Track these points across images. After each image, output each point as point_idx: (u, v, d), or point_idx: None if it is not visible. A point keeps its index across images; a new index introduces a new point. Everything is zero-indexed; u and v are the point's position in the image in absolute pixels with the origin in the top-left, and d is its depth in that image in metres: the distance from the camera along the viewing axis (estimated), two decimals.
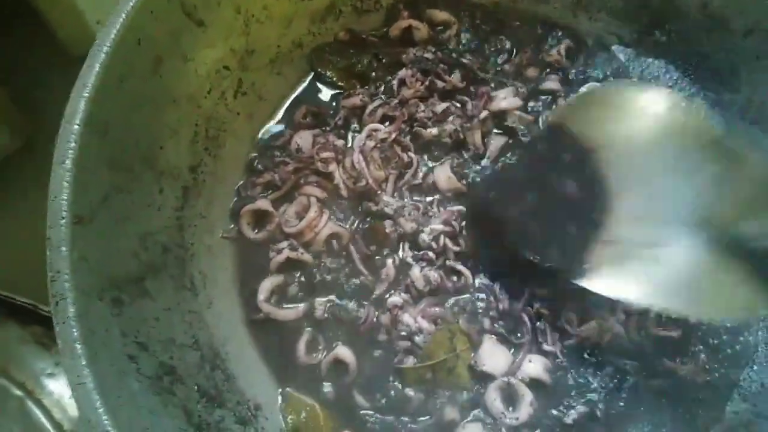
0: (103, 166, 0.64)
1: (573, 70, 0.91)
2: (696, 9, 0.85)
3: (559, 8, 0.93)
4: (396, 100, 0.86)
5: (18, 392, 0.80)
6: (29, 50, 1.09)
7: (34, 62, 1.08)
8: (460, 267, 0.79)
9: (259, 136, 0.88)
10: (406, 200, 0.83)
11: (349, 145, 0.86)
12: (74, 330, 0.56)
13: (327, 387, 0.76)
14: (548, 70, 0.91)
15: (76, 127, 0.61)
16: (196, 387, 0.67)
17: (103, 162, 0.64)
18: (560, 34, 0.93)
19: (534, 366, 0.75)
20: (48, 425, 0.79)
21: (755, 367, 0.78)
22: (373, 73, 0.89)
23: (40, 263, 0.60)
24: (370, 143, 0.82)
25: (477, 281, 0.80)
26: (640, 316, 0.78)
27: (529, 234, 0.75)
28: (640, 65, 0.92)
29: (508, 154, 0.87)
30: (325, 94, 0.91)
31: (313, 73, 0.91)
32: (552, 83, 0.89)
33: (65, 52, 1.05)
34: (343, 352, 0.76)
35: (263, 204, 0.81)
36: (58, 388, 0.81)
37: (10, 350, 0.82)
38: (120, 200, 0.66)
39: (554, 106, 0.88)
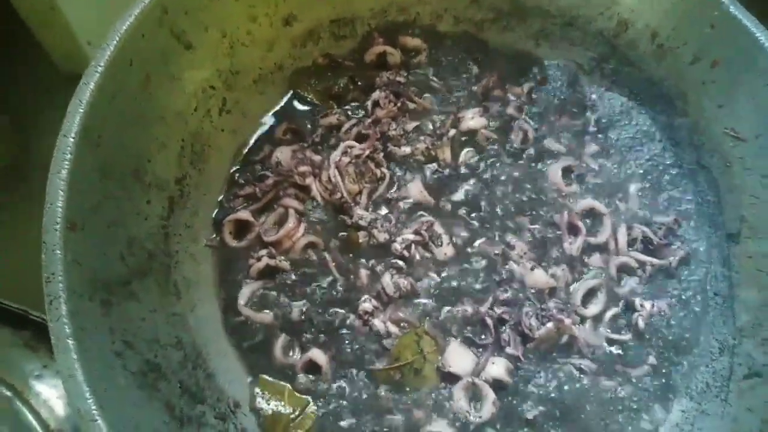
0: (96, 176, 0.69)
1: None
2: (647, 39, 0.93)
3: (523, 37, 1.01)
4: (370, 120, 0.92)
5: (7, 393, 0.83)
6: (22, 69, 1.13)
7: (26, 81, 1.12)
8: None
9: (241, 151, 0.93)
10: (379, 212, 0.88)
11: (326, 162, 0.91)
12: (66, 327, 0.60)
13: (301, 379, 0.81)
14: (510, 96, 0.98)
15: (72, 139, 0.66)
16: (178, 384, 0.72)
17: (95, 172, 0.69)
18: (528, 67, 1.00)
19: (497, 368, 0.80)
20: (36, 424, 0.82)
21: (701, 368, 0.84)
22: (349, 95, 0.95)
23: (29, 271, 0.64)
24: (345, 159, 0.87)
25: None
26: (594, 320, 0.84)
27: None
28: (596, 90, 0.99)
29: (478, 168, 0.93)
30: (304, 112, 0.96)
31: (293, 94, 0.97)
32: (513, 110, 0.96)
33: (55, 71, 1.09)
34: (317, 354, 0.80)
35: (244, 214, 0.86)
36: (45, 389, 0.84)
37: (1, 353, 0.85)
38: (110, 208, 0.71)
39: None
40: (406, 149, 0.91)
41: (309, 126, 0.94)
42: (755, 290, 0.83)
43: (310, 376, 0.80)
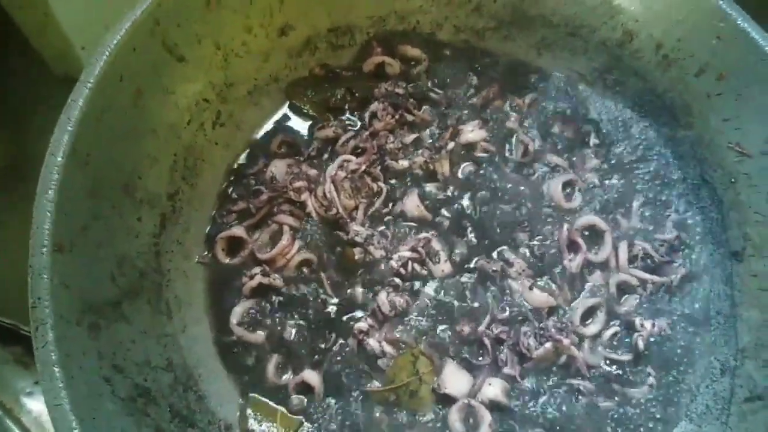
0: (84, 195, 0.68)
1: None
2: (651, 50, 0.90)
3: (524, 47, 0.99)
4: (367, 132, 0.90)
5: None
6: (16, 71, 1.12)
7: (20, 83, 1.11)
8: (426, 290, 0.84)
9: (235, 165, 0.91)
10: (375, 228, 0.87)
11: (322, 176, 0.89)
12: (53, 354, 0.59)
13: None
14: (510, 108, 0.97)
15: (60, 159, 0.65)
16: (168, 408, 0.70)
17: (84, 191, 0.68)
18: (529, 78, 0.98)
19: (493, 389, 0.79)
20: None
21: (702, 389, 0.82)
22: (346, 106, 0.93)
23: (21, 284, 0.62)
24: (342, 173, 0.86)
25: None
26: (593, 339, 0.83)
27: None
28: (598, 102, 0.97)
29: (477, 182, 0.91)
30: (300, 125, 0.95)
31: (288, 105, 0.95)
32: (513, 122, 0.94)
33: (49, 72, 1.08)
34: (310, 375, 0.79)
35: (237, 231, 0.85)
36: (37, 406, 0.84)
37: None
38: (99, 227, 0.70)
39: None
40: (404, 163, 0.89)
41: (305, 138, 0.92)
42: (758, 310, 0.81)
43: (303, 397, 0.79)
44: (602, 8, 0.91)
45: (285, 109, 0.95)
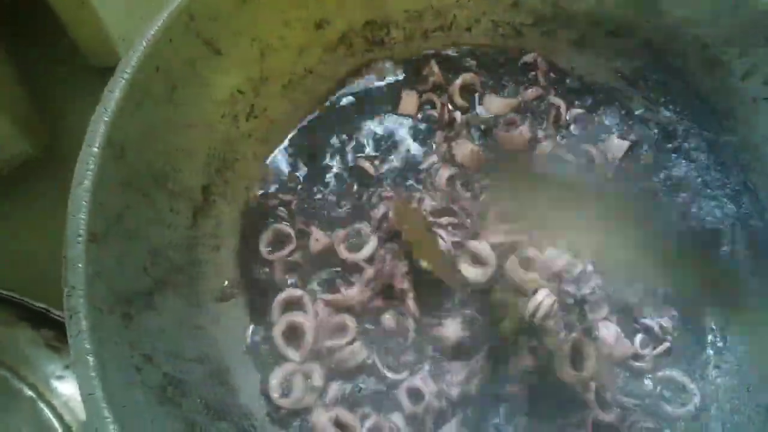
0: (119, 186, 0.68)
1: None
2: (696, 49, 0.87)
3: (564, 44, 0.96)
4: None
5: (30, 393, 0.83)
6: (52, 60, 1.13)
7: (57, 72, 1.13)
8: None
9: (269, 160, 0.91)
10: None
11: None
12: (86, 343, 0.59)
13: None
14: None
15: (96, 150, 0.65)
16: (199, 399, 0.71)
17: (118, 182, 0.68)
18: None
19: None
20: (58, 426, 0.82)
21: None
22: None
23: (52, 268, 0.64)
24: None
25: None
26: None
27: None
28: (639, 103, 0.95)
29: None
30: None
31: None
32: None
33: (86, 63, 1.09)
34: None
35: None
36: (68, 390, 0.84)
37: (23, 352, 0.85)
38: (133, 218, 0.70)
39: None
40: None
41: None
42: None
43: None
44: (647, 7, 0.89)
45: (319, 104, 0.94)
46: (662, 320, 0.83)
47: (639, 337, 0.83)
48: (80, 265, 0.62)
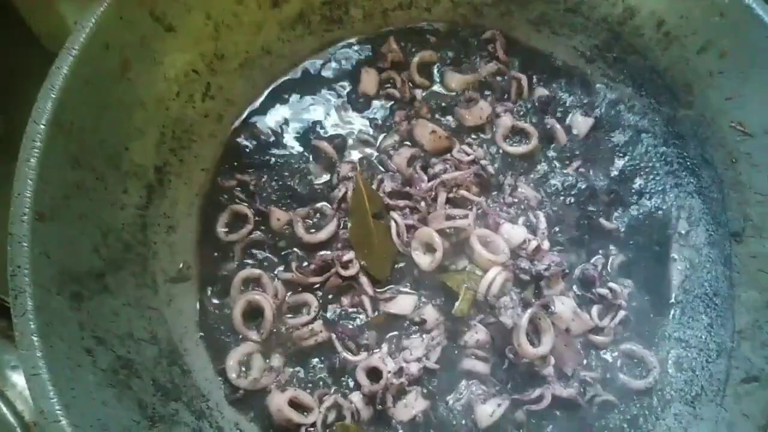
0: (67, 164, 0.67)
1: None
2: (653, 27, 0.88)
3: (523, 23, 0.97)
4: None
5: None
6: (8, 45, 1.10)
7: (12, 56, 1.10)
8: None
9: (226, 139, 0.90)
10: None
11: None
12: (31, 323, 0.58)
13: None
14: None
15: (42, 126, 0.64)
16: (151, 381, 0.69)
17: (67, 161, 0.66)
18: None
19: None
20: (9, 416, 0.80)
21: (697, 371, 0.81)
22: None
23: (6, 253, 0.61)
24: None
25: None
26: None
27: None
28: (598, 80, 0.95)
29: None
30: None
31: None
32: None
33: (41, 49, 1.06)
34: None
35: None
36: (22, 380, 0.82)
37: None
38: (83, 198, 0.68)
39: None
40: None
41: None
42: (756, 291, 0.80)
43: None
44: None
45: (277, 84, 0.93)
46: (617, 287, 0.84)
47: (596, 308, 0.83)
48: (25, 245, 0.61)
